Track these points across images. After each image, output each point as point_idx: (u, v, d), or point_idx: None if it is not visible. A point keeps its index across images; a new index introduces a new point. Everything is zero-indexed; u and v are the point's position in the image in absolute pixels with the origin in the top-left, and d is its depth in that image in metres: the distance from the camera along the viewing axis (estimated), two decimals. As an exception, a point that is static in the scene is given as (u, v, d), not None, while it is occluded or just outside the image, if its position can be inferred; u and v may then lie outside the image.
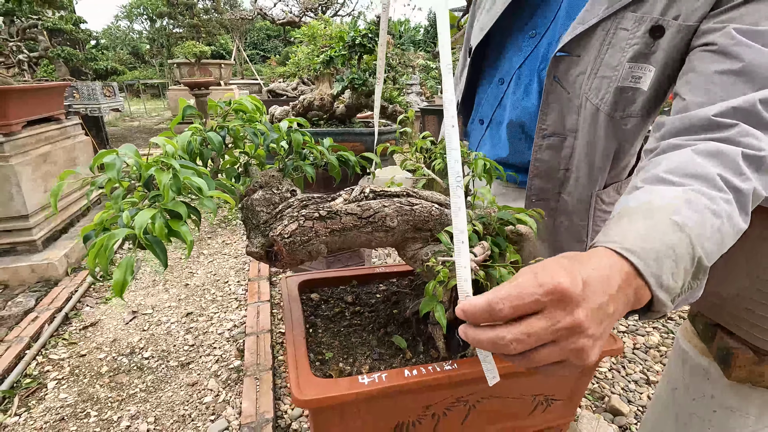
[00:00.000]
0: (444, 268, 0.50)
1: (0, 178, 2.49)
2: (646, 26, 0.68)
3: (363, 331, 0.70)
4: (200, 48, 7.94)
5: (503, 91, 0.92)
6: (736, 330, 0.97)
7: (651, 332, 2.26)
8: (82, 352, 2.05)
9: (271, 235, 0.56)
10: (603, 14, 0.70)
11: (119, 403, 1.74)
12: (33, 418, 1.66)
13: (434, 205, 0.60)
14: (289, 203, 0.60)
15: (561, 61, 0.76)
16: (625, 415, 1.69)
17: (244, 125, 0.62)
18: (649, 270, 0.45)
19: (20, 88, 2.59)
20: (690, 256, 0.47)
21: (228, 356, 2.03)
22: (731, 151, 0.53)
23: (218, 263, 3.03)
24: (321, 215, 0.55)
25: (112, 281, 0.46)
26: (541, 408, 0.69)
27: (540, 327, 0.40)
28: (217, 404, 1.73)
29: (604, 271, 0.44)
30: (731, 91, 0.57)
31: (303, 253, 0.56)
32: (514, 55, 0.90)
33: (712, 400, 1.05)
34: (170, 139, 0.54)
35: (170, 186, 0.49)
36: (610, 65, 0.72)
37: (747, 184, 0.52)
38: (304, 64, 2.59)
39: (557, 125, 0.81)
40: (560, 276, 0.40)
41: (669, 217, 0.48)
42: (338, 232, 0.56)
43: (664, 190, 0.52)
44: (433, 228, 0.60)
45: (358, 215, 0.56)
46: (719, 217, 0.50)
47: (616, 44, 0.71)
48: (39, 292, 2.51)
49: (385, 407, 0.58)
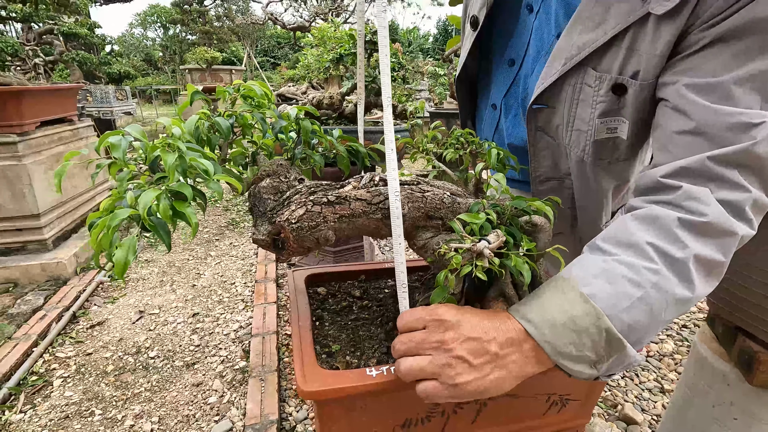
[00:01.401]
0: (457, 255, 0.48)
1: (13, 177, 2.52)
2: (607, 85, 0.64)
3: (371, 325, 0.68)
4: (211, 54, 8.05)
5: (498, 116, 0.89)
6: (758, 333, 0.93)
7: (665, 339, 2.20)
8: (88, 351, 2.05)
9: (278, 221, 0.54)
10: (561, 70, 0.66)
11: (124, 402, 1.73)
12: (38, 416, 1.65)
13: (446, 193, 0.58)
14: (297, 189, 0.58)
15: (540, 111, 0.73)
16: (639, 424, 1.64)
17: (253, 111, 0.61)
18: (544, 338, 0.49)
19: (35, 89, 2.63)
20: (596, 328, 0.48)
21: (233, 357, 2.01)
22: (668, 217, 0.52)
23: (225, 265, 3.03)
24: (330, 200, 0.54)
25: (114, 261, 0.44)
26: (556, 408, 0.66)
27: (418, 336, 0.51)
28: (222, 405, 1.72)
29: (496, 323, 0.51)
30: (688, 150, 0.54)
31: (310, 239, 0.54)
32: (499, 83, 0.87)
33: (732, 407, 1.01)
34: (177, 120, 0.53)
35: (176, 167, 0.48)
36: (583, 119, 0.69)
37: (683, 252, 0.50)
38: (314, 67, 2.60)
39: (551, 170, 0.79)
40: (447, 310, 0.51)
41: (579, 289, 0.50)
42: (347, 218, 0.54)
43: (589, 260, 0.54)
44: (444, 216, 0.58)
45: (368, 201, 0.55)
46: (641, 288, 0.49)
47: (585, 99, 0.67)
48: (48, 290, 2.52)
49: (393, 402, 0.56)
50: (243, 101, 0.62)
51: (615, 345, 0.49)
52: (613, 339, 0.48)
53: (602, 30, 0.60)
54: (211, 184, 0.50)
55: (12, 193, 2.53)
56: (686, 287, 0.50)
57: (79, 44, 5.36)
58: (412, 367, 0.49)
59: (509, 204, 0.57)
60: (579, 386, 0.65)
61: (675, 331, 2.29)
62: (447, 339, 0.49)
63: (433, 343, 0.49)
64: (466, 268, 0.48)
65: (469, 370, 0.48)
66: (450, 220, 0.56)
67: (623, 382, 1.89)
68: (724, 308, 1.02)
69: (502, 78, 0.86)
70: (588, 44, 0.62)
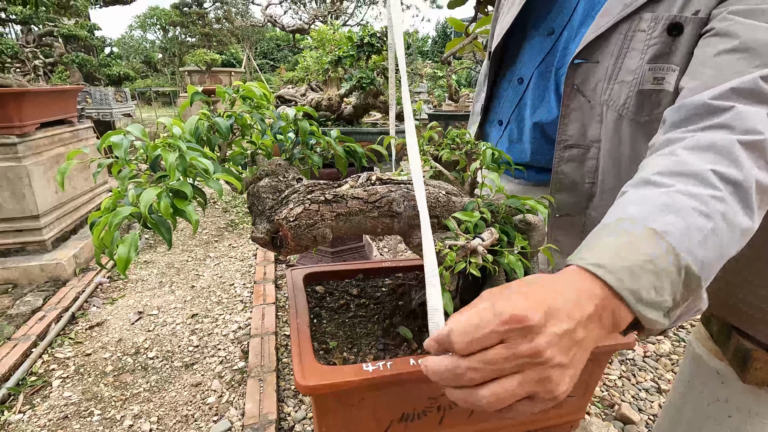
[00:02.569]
0: (451, 252, 0.49)
1: (13, 178, 2.52)
2: (663, 25, 0.65)
3: (368, 322, 0.68)
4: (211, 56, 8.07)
5: (522, 91, 0.91)
6: (752, 332, 0.94)
7: (662, 340, 2.21)
8: (87, 352, 2.05)
9: (277, 219, 0.56)
10: (618, 17, 0.68)
11: (123, 403, 1.73)
12: (37, 416, 1.66)
13: (441, 192, 0.59)
14: (295, 189, 0.59)
15: (579, 68, 0.74)
16: (635, 423, 1.64)
17: (252, 111, 0.62)
18: (623, 286, 0.41)
19: (35, 90, 2.64)
20: (675, 267, 0.43)
21: (232, 357, 2.02)
22: (726, 139, 0.48)
23: (224, 266, 3.03)
24: (327, 199, 0.55)
25: (116, 257, 0.45)
26: (551, 404, 0.67)
27: (498, 354, 0.38)
28: (221, 405, 1.72)
29: (571, 294, 0.41)
30: (728, 71, 0.52)
31: (308, 237, 0.55)
32: (532, 54, 0.89)
33: (727, 404, 1.02)
34: (178, 120, 0.54)
35: (176, 166, 0.49)
36: (629, 69, 0.70)
37: (746, 176, 0.46)
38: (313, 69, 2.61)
39: (579, 136, 0.78)
40: (518, 304, 0.39)
41: (646, 226, 0.44)
42: (344, 217, 0.55)
43: (645, 195, 0.48)
44: (440, 215, 0.59)
45: (365, 199, 0.56)
46: (710, 219, 0.45)
47: (635, 47, 0.68)
48: (47, 291, 2.52)
49: (390, 397, 0.57)
50: (242, 102, 0.64)
51: (693, 286, 0.44)
52: (692, 279, 0.44)
53: None
54: (211, 183, 0.51)
55: (12, 194, 2.54)
56: (749, 215, 0.47)
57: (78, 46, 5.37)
58: (500, 396, 0.38)
59: (504, 203, 0.58)
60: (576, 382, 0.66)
61: (672, 332, 2.30)
62: (540, 348, 0.38)
63: (523, 358, 0.38)
64: (460, 264, 0.49)
65: (565, 373, 0.40)
66: (445, 219, 0.57)
67: (620, 382, 1.90)
68: (719, 307, 1.03)
69: (537, 49, 0.86)
70: None
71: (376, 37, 1.35)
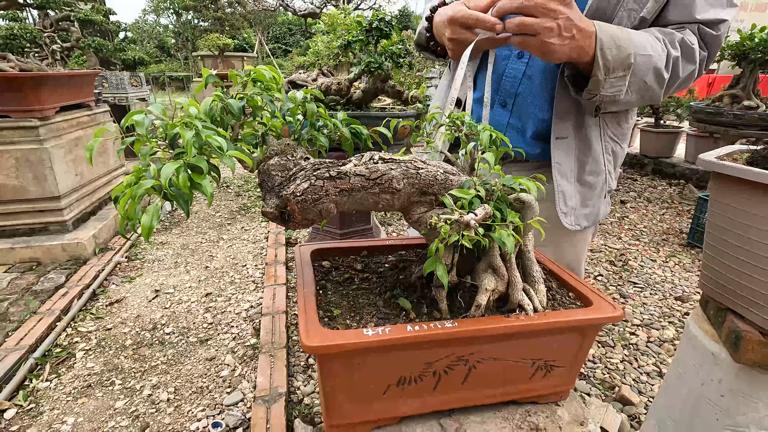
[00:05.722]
0: (446, 225, 0.53)
1: (35, 161, 2.62)
2: None
3: (370, 294, 0.73)
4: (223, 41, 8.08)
5: (526, 63, 0.96)
6: (746, 313, 0.96)
7: (666, 326, 2.23)
8: (107, 326, 2.16)
9: (284, 194, 0.60)
10: None
11: (142, 374, 1.82)
12: (63, 384, 1.76)
13: (439, 170, 0.63)
14: (302, 167, 0.63)
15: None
16: (635, 405, 1.68)
17: (262, 93, 0.66)
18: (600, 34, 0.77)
19: (55, 75, 2.71)
20: (626, 50, 0.79)
21: (244, 334, 2.10)
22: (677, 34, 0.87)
23: (237, 248, 3.12)
24: (331, 175, 0.59)
25: (140, 225, 0.50)
26: (541, 374, 0.71)
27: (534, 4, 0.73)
28: (234, 378, 1.80)
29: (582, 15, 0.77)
30: None
31: (314, 212, 0.60)
32: None
33: (720, 385, 1.05)
34: (193, 101, 0.58)
35: (193, 142, 0.53)
36: None
37: (674, 52, 0.85)
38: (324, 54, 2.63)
39: None
40: None
41: (628, 33, 0.81)
42: (347, 192, 0.59)
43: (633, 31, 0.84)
44: (437, 192, 0.62)
45: (366, 176, 0.60)
46: (654, 50, 0.83)
47: None
48: (69, 269, 2.64)
49: (388, 360, 0.61)
50: (253, 85, 0.67)
51: (626, 67, 0.80)
52: (627, 62, 0.80)
53: None
54: (224, 159, 0.56)
55: (34, 176, 2.64)
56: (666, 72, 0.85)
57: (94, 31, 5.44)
58: (524, 21, 0.74)
59: (498, 181, 0.62)
60: (564, 353, 0.70)
61: (677, 318, 2.31)
62: (560, 10, 0.72)
63: (549, 9, 0.72)
64: (453, 237, 0.53)
65: (558, 39, 0.74)
66: (442, 196, 0.61)
67: (622, 366, 1.94)
68: (715, 290, 1.05)
69: None
70: None
71: (384, 22, 1.37)
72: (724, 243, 1.00)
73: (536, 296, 0.68)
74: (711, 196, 1.07)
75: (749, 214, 0.92)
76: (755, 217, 0.91)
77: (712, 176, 1.01)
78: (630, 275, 2.77)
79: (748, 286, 0.94)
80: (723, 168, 0.94)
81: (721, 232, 1.01)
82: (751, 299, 0.94)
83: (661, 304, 2.44)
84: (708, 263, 1.09)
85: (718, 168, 0.96)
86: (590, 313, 0.67)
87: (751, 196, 0.89)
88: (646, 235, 3.41)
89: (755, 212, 0.90)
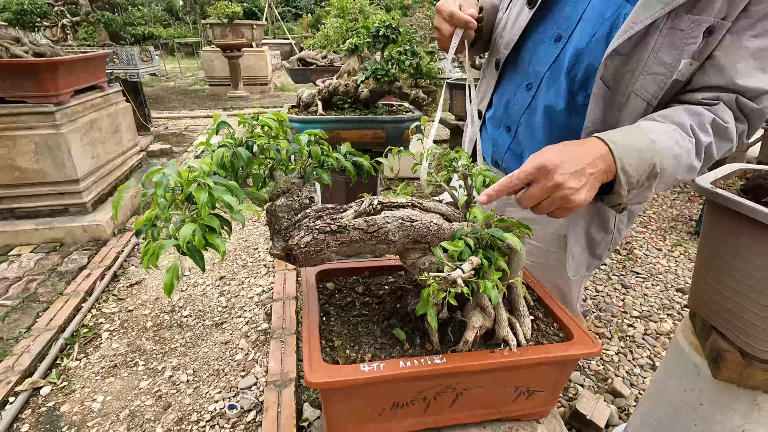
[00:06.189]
0: (434, 283, 0.58)
1: (53, 146, 2.69)
2: (701, 28, 0.72)
3: (369, 322, 0.80)
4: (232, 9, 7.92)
5: (532, 95, 0.96)
6: (727, 333, 1.01)
7: (665, 319, 2.29)
8: (129, 308, 2.29)
9: (290, 243, 0.65)
10: (658, 14, 0.73)
11: (163, 355, 1.96)
12: (91, 364, 1.91)
13: (432, 221, 0.67)
14: (306, 213, 0.69)
15: (611, 60, 0.80)
16: (625, 397, 1.77)
17: (269, 142, 0.71)
18: (618, 153, 0.69)
19: (69, 60, 2.75)
20: (650, 161, 0.71)
21: (257, 319, 2.22)
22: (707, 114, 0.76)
23: (249, 230, 3.21)
24: (332, 229, 0.64)
25: (163, 283, 0.57)
26: (523, 397, 0.78)
27: (535, 190, 0.68)
28: (247, 362, 1.93)
29: (584, 148, 0.70)
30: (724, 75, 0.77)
31: (316, 259, 0.66)
32: (540, 60, 0.93)
33: (701, 394, 1.12)
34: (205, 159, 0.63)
35: (207, 203, 0.59)
36: (663, 62, 0.77)
37: (706, 138, 0.76)
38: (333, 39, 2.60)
39: (599, 122, 0.86)
40: (545, 156, 0.68)
41: (648, 134, 0.72)
42: (346, 244, 0.65)
43: (652, 123, 0.76)
44: (430, 241, 0.67)
45: (364, 230, 0.65)
46: (681, 148, 0.73)
47: (671, 43, 0.75)
48: (90, 250, 2.77)
49: (383, 391, 0.68)
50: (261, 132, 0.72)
51: (651, 177, 0.72)
52: (654, 172, 0.72)
53: None
54: (235, 216, 0.61)
55: (53, 161, 2.72)
56: (697, 160, 0.76)
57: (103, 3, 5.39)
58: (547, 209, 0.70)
59: (487, 232, 0.66)
60: (545, 380, 0.77)
61: (677, 311, 2.37)
62: (559, 181, 0.66)
63: (548, 189, 0.67)
64: (440, 294, 0.58)
65: (579, 191, 0.67)
66: (434, 246, 0.66)
67: (617, 358, 2.01)
68: (702, 307, 1.10)
69: (545, 54, 0.92)
70: None
71: (391, 29, 1.37)
72: (713, 264, 1.03)
73: (521, 330, 0.74)
74: (705, 216, 1.09)
75: (738, 242, 0.95)
76: (743, 246, 0.94)
77: (706, 199, 1.04)
78: (634, 265, 2.80)
79: (731, 309, 0.98)
80: (715, 196, 0.97)
81: (711, 252, 1.05)
82: (733, 321, 0.99)
83: (662, 295, 2.49)
84: (697, 279, 1.14)
85: (710, 195, 0.98)
86: (569, 349, 0.73)
87: (739, 224, 0.92)
88: (654, 221, 3.41)
89: (743, 241, 0.94)
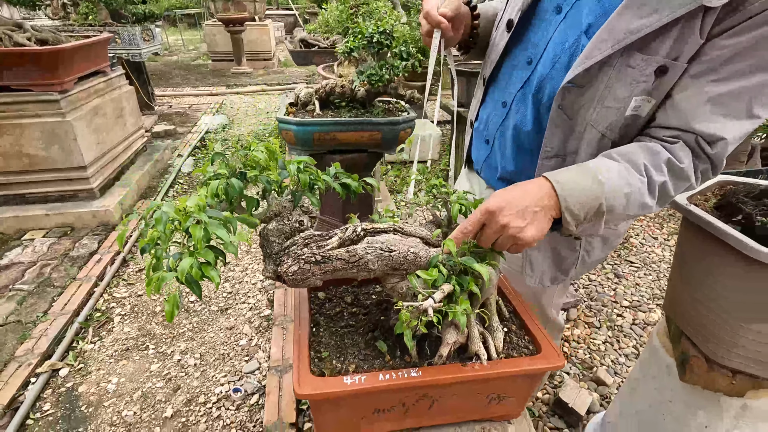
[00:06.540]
0: (407, 313, 0.65)
1: (60, 133, 2.75)
2: (652, 67, 0.74)
3: (355, 333, 0.87)
4: (234, -19, 7.75)
5: (506, 113, 1.00)
6: (696, 341, 1.08)
7: (654, 309, 2.36)
8: (138, 293, 2.40)
9: (279, 270, 0.72)
10: (608, 51, 0.75)
11: (171, 340, 2.08)
12: (105, 347, 2.03)
13: (410, 250, 0.73)
14: (294, 241, 0.75)
15: (568, 91, 0.83)
16: (608, 386, 1.86)
17: (260, 174, 0.76)
18: (562, 192, 0.74)
19: (71, 47, 2.76)
20: (596, 201, 0.74)
21: (260, 305, 2.32)
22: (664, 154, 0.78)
23: (252, 215, 3.29)
24: (317, 260, 0.70)
25: (165, 311, 0.64)
26: (495, 402, 0.86)
27: (488, 232, 0.75)
28: (251, 347, 2.04)
29: (528, 188, 0.75)
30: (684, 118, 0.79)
31: (302, 285, 0.72)
32: (514, 81, 0.97)
33: (671, 392, 1.20)
34: (200, 194, 0.69)
35: (202, 239, 0.65)
36: (617, 97, 0.79)
37: (660, 177, 0.77)
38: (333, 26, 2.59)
39: (559, 148, 0.90)
40: (490, 201, 0.74)
41: (596, 175, 0.75)
42: (330, 272, 0.71)
43: (605, 161, 0.79)
44: (407, 269, 0.74)
45: (346, 260, 0.71)
46: (631, 187, 0.76)
47: (623, 79, 0.77)
48: (100, 235, 2.86)
49: (365, 400, 0.76)
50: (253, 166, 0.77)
51: (598, 215, 0.76)
52: (600, 210, 0.75)
53: (656, 17, 0.70)
54: (229, 248, 0.68)
55: (60, 148, 2.79)
56: (650, 199, 0.78)
57: (103, -20, 5.30)
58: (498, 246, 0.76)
59: (460, 261, 0.72)
60: (515, 389, 0.84)
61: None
62: (504, 222, 0.72)
63: (497, 230, 0.73)
64: (413, 322, 0.65)
65: (525, 229, 0.72)
66: (411, 273, 0.72)
67: (604, 347, 2.10)
68: (675, 314, 1.16)
69: (518, 76, 0.96)
70: (641, 29, 0.71)
71: (385, 35, 1.39)
72: (688, 280, 1.09)
73: (493, 344, 0.81)
74: (680, 230, 1.14)
75: (710, 263, 1.00)
76: (714, 266, 0.99)
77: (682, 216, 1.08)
78: (629, 253, 2.85)
79: (702, 322, 1.05)
80: (688, 213, 1.01)
81: (686, 269, 1.10)
82: (701, 332, 1.05)
83: (654, 285, 2.55)
84: (672, 289, 1.19)
85: (684, 212, 1.03)
86: (535, 363, 0.80)
87: (711, 244, 0.97)
88: (652, 209, 3.44)
89: (714, 261, 0.99)
